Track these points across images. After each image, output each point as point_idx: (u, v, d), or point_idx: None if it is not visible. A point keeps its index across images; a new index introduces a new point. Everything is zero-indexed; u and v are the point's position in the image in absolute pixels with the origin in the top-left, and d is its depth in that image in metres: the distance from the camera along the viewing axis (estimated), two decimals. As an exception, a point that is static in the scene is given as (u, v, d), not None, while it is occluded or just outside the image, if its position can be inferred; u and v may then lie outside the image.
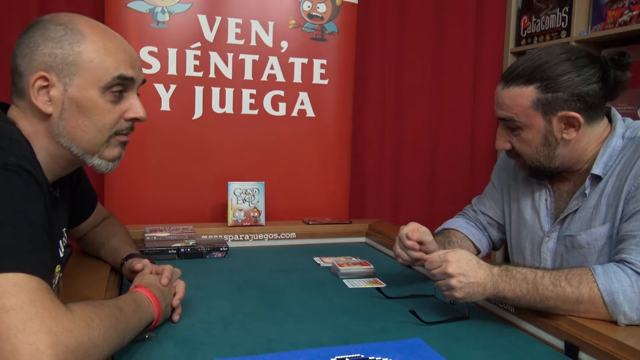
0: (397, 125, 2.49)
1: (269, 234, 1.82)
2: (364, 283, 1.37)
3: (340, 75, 2.12)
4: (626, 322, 0.97)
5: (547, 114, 1.13)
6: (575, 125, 1.14)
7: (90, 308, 0.78)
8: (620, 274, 0.98)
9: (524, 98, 1.14)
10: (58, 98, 0.91)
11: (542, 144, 1.17)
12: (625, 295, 0.96)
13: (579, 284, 0.99)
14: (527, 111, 1.14)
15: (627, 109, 2.03)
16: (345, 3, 2.08)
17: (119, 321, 0.83)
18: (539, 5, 2.45)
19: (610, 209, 1.13)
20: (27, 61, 0.91)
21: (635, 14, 2.00)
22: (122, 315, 0.85)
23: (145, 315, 0.94)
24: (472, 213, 1.49)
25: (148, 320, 0.96)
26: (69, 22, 0.93)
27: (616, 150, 1.15)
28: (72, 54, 0.91)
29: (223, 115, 1.98)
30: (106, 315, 0.80)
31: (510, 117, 1.17)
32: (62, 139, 0.93)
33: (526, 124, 1.15)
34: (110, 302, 0.87)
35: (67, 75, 0.91)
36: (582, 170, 1.21)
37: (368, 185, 2.46)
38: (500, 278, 1.03)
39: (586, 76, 1.12)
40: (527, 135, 1.17)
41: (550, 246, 1.25)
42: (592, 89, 1.11)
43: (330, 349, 0.94)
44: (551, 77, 1.12)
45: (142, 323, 0.93)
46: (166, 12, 1.88)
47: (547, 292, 1.00)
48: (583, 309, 0.99)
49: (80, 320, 0.73)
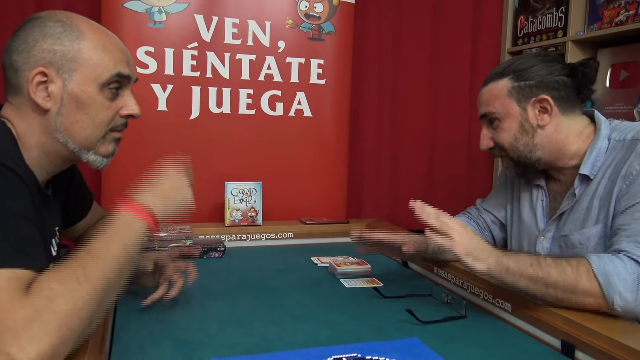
0: (394, 125, 2.49)
1: (266, 234, 1.82)
2: (361, 282, 1.37)
3: (338, 75, 2.12)
4: (622, 303, 0.98)
5: (521, 101, 1.23)
6: (548, 110, 1.22)
7: (50, 275, 0.73)
8: (614, 259, 1.01)
9: (500, 89, 1.25)
10: (57, 94, 0.91)
11: (519, 132, 1.24)
12: (619, 275, 0.99)
13: (577, 264, 1.02)
14: (503, 100, 1.24)
15: (624, 109, 2.04)
16: (342, 3, 2.09)
17: (88, 270, 0.76)
18: (535, 5, 2.45)
19: (602, 210, 1.16)
20: (25, 57, 0.91)
21: (632, 14, 2.00)
22: (91, 258, 0.78)
23: (130, 236, 0.85)
24: (475, 212, 1.51)
25: (138, 237, 0.87)
26: (67, 19, 0.93)
27: (602, 151, 1.19)
28: (71, 50, 0.91)
29: (220, 115, 1.98)
30: (69, 275, 0.74)
31: (489, 110, 1.27)
32: (59, 134, 0.93)
33: (503, 113, 1.25)
34: (79, 251, 0.79)
35: (67, 71, 0.91)
36: (569, 167, 1.25)
37: (365, 185, 2.46)
38: (503, 253, 1.07)
39: (554, 68, 1.23)
40: (505, 124, 1.25)
41: (545, 246, 1.28)
42: (560, 79, 1.22)
43: (327, 348, 0.94)
44: (522, 69, 1.24)
45: (130, 248, 0.84)
46: (163, 12, 1.88)
47: (549, 268, 1.02)
48: (581, 290, 1.00)
49: (38, 301, 0.69)
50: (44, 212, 0.92)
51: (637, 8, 1.98)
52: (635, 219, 1.05)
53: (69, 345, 0.71)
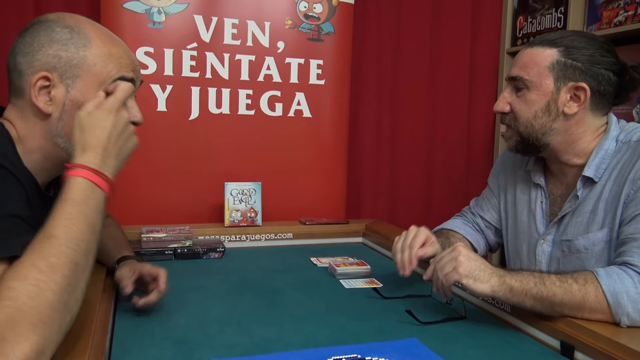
0: (393, 126, 2.49)
1: (266, 235, 1.82)
2: (361, 283, 1.37)
3: (337, 75, 2.12)
4: (629, 323, 0.96)
5: (558, 80, 1.15)
6: (581, 99, 1.15)
7: (9, 272, 0.69)
8: (623, 275, 0.98)
9: (544, 57, 1.16)
10: (59, 99, 0.91)
11: (542, 110, 1.17)
12: (629, 296, 0.96)
13: (585, 282, 0.98)
14: (542, 70, 1.16)
15: (623, 109, 2.04)
16: (342, 3, 2.09)
17: (51, 257, 0.70)
18: (534, 6, 2.45)
19: (608, 214, 1.12)
20: (29, 60, 0.91)
21: (631, 14, 2.00)
22: (52, 243, 0.72)
23: (91, 207, 0.79)
24: (471, 215, 1.49)
25: (99, 208, 0.80)
26: (75, 25, 0.93)
27: (609, 153, 1.15)
28: (77, 57, 0.91)
29: (219, 115, 1.98)
30: (28, 266, 0.68)
31: (520, 75, 1.18)
32: (59, 139, 0.93)
33: (535, 83, 1.16)
34: (36, 237, 0.73)
35: (70, 77, 0.91)
36: (572, 165, 1.20)
37: (365, 186, 2.47)
38: (507, 272, 1.03)
39: (606, 60, 1.14)
40: (532, 97, 1.17)
41: (546, 249, 1.25)
42: (607, 74, 1.14)
43: (326, 349, 0.94)
44: (576, 47, 1.15)
45: (93, 221, 0.78)
46: (162, 12, 1.88)
47: (554, 287, 0.98)
48: (588, 308, 0.97)
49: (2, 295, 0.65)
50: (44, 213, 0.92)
51: (636, 8, 1.98)
52: None
53: (52, 339, 0.67)
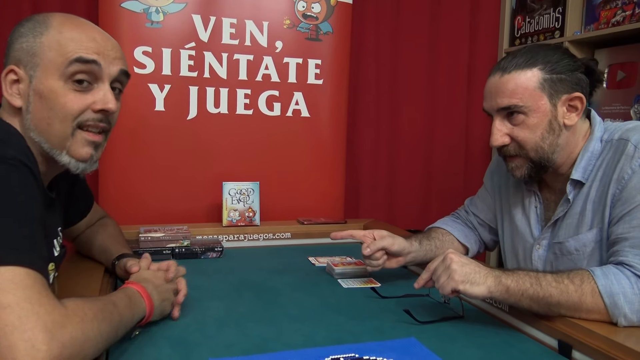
0: (391, 125, 2.50)
1: (264, 234, 1.81)
2: (359, 283, 1.37)
3: (335, 75, 2.12)
4: (626, 324, 0.96)
5: (552, 97, 1.11)
6: (578, 108, 1.13)
7: (84, 303, 0.78)
8: (620, 276, 0.98)
9: (529, 80, 1.11)
10: (25, 91, 0.92)
11: (547, 130, 1.12)
12: (626, 297, 0.96)
13: (581, 283, 0.98)
14: (533, 93, 1.11)
15: (621, 109, 2.04)
16: (340, 3, 2.09)
17: (112, 315, 0.83)
18: (532, 6, 2.46)
19: (596, 214, 1.12)
20: (5, 58, 0.93)
21: (628, 14, 2.01)
22: (116, 309, 0.85)
23: (137, 311, 0.94)
24: (464, 213, 1.49)
25: (140, 316, 0.95)
26: (43, 18, 0.93)
27: (595, 154, 1.14)
28: (34, 45, 0.91)
29: (218, 115, 1.98)
30: (99, 310, 0.80)
31: (514, 103, 1.12)
32: (32, 133, 0.92)
33: (532, 107, 1.11)
34: (103, 297, 0.87)
35: (32, 67, 0.91)
36: (565, 173, 1.19)
37: (363, 185, 2.47)
38: (502, 272, 1.02)
39: (578, 64, 1.14)
40: (533, 121, 1.12)
41: (541, 253, 1.25)
42: (583, 77, 1.14)
43: (324, 348, 0.94)
44: (552, 61, 1.12)
45: (134, 318, 0.93)
46: (160, 12, 1.87)
47: (550, 287, 0.98)
48: (585, 309, 0.97)
49: (74, 316, 0.73)
50: (48, 213, 0.92)
51: (634, 9, 1.98)
52: (634, 227, 1.02)
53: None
